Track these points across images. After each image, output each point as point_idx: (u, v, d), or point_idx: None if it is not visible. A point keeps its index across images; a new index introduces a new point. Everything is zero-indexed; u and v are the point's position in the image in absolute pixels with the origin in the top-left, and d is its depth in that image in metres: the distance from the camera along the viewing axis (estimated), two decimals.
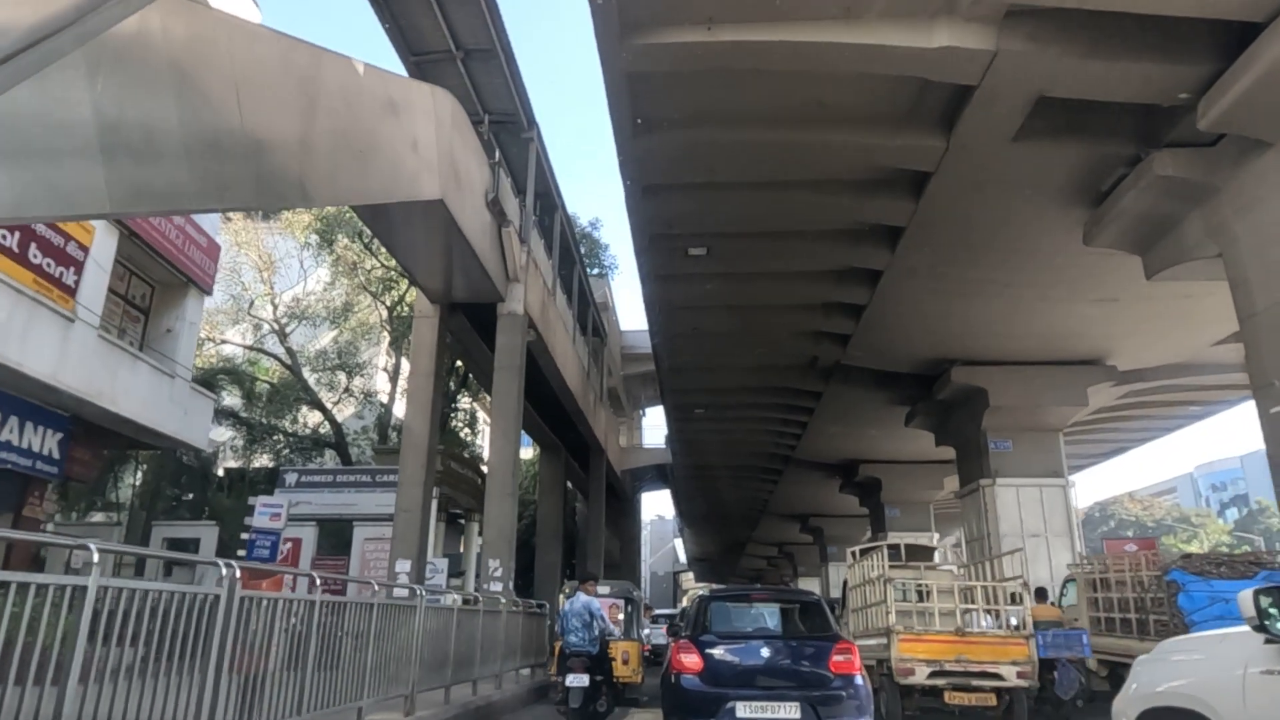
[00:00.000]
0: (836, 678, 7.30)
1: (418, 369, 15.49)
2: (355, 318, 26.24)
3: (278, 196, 7.11)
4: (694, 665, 7.44)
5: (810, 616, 8.41)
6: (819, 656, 7.47)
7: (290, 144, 7.37)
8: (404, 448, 15.15)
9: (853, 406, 23.09)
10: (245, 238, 24.07)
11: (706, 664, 7.45)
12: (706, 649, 7.58)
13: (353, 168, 9.14)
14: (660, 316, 18.22)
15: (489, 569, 14.33)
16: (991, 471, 18.70)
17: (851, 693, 7.25)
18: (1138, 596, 11.61)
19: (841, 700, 7.19)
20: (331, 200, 8.17)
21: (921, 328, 17.35)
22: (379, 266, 22.99)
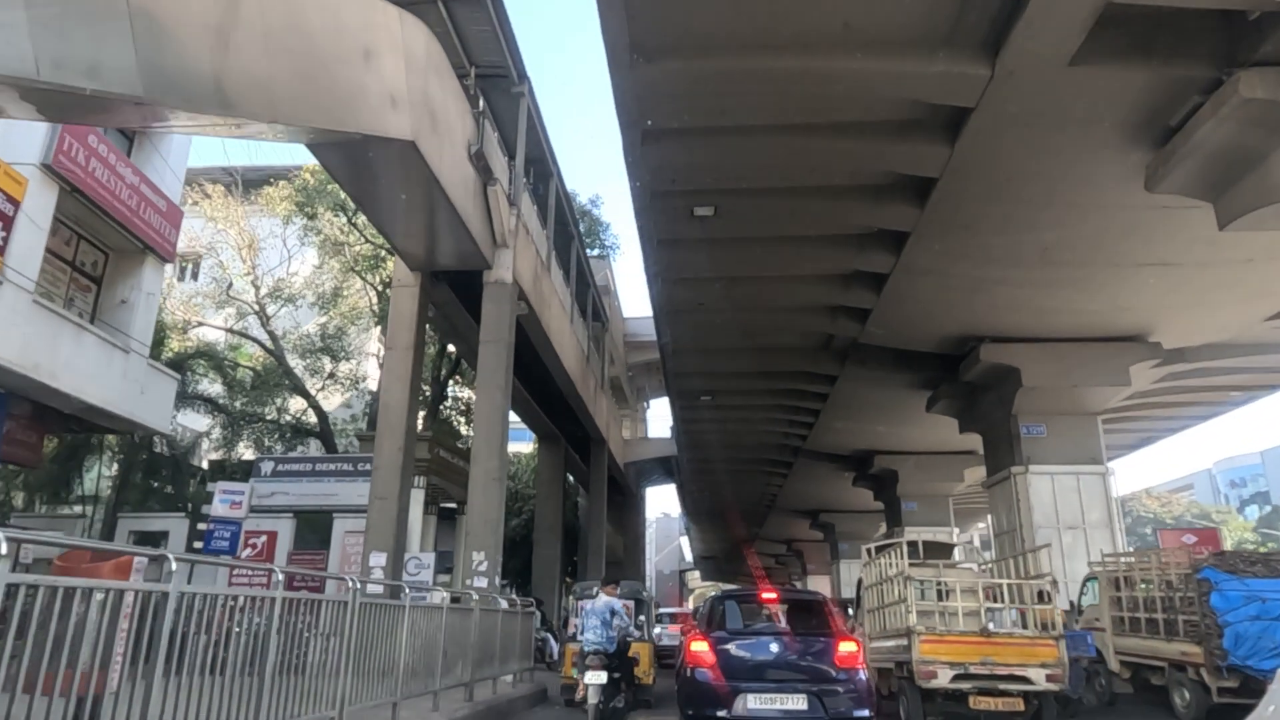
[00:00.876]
0: (841, 671, 7.77)
1: (396, 342, 14.06)
2: (345, 302, 24.83)
3: (183, 96, 5.73)
4: (708, 660, 7.91)
5: (815, 614, 8.86)
6: (824, 651, 7.95)
7: (199, 31, 5.95)
8: (380, 428, 13.74)
9: (869, 391, 21.60)
10: (226, 214, 22.67)
11: (720, 659, 7.90)
12: (720, 645, 8.07)
13: (294, 84, 7.72)
14: (663, 290, 16.75)
15: (472, 563, 12.91)
16: (1023, 459, 17.20)
17: (855, 685, 7.75)
18: (1165, 596, 11.16)
19: (845, 693, 7.67)
20: (265, 113, 6.80)
21: (949, 300, 15.85)
22: (364, 243, 21.55)
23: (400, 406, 13.64)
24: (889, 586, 11.72)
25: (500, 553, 13.29)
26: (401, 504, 13.38)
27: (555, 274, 19.04)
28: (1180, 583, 10.85)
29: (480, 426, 13.69)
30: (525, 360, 18.73)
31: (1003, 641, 9.52)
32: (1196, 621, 10.24)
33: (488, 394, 13.73)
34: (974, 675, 9.34)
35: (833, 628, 8.38)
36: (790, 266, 15.67)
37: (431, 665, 8.73)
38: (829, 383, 21.57)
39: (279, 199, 21.71)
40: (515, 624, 11.42)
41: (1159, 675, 11.32)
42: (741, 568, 68.28)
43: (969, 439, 25.43)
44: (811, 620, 8.75)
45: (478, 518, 13.11)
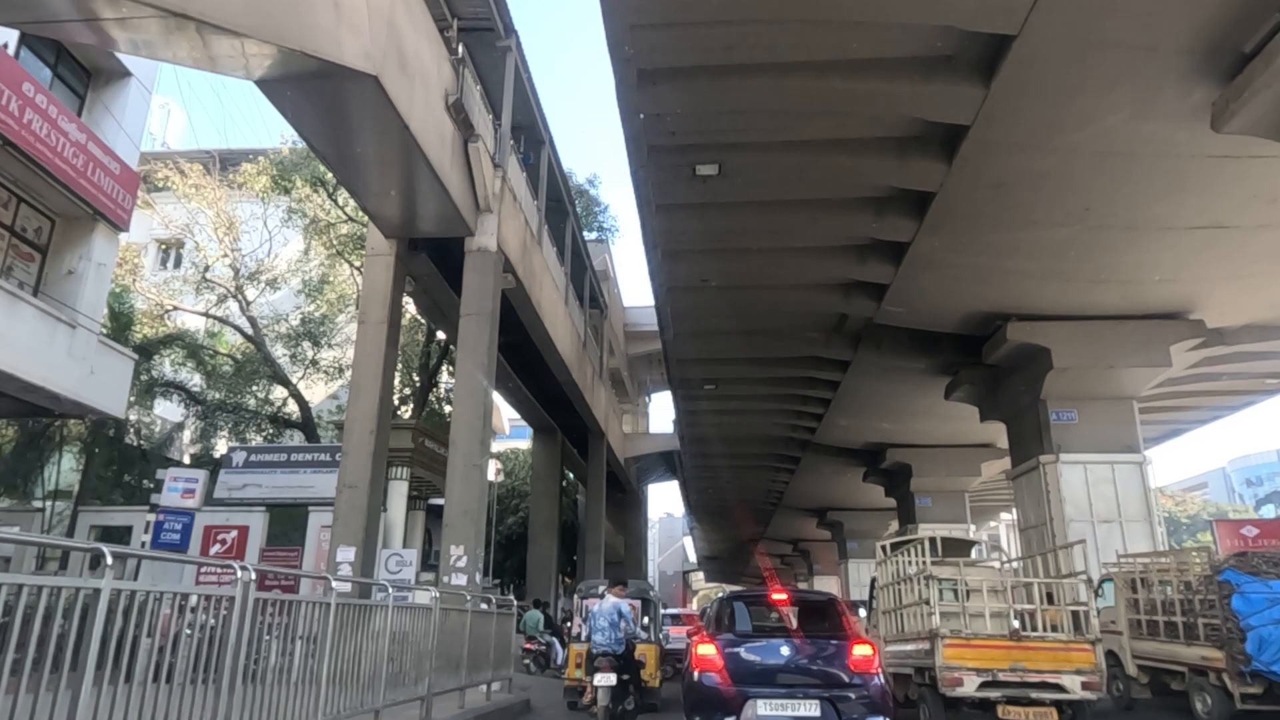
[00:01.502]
0: (856, 676, 7.34)
1: (369, 316, 12.80)
2: (333, 290, 23.55)
3: None
4: (715, 663, 7.49)
5: (827, 616, 8.35)
6: (838, 655, 7.51)
7: None
8: (350, 410, 12.49)
9: (884, 379, 20.29)
10: (201, 193, 21.42)
11: (728, 662, 7.49)
12: (727, 648, 7.63)
13: None
14: (662, 264, 15.45)
15: (449, 557, 11.62)
16: (1054, 447, 15.89)
17: (870, 691, 7.29)
18: (1185, 598, 10.77)
19: (860, 698, 7.22)
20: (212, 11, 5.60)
21: (975, 272, 14.53)
22: (348, 221, 20.27)
23: (372, 386, 12.38)
24: (907, 586, 11.29)
25: (481, 547, 12.02)
26: (373, 494, 12.11)
27: (548, 251, 17.76)
28: (1200, 585, 10.45)
29: (460, 407, 12.40)
30: (515, 342, 17.49)
31: (1034, 646, 8.94)
32: (1218, 625, 9.84)
33: (468, 372, 12.45)
34: (1003, 683, 8.80)
35: (846, 630, 7.94)
36: (801, 235, 14.36)
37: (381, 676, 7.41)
38: (840, 369, 20.25)
39: (256, 173, 20.45)
40: (490, 626, 10.12)
41: (1178, 680, 10.81)
42: (746, 568, 67.36)
43: (987, 431, 24.25)
44: (824, 622, 8.28)
45: (456, 508, 11.83)
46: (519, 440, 42.23)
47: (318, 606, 7.01)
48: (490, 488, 37.89)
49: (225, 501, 17.13)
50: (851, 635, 7.79)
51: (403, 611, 8.78)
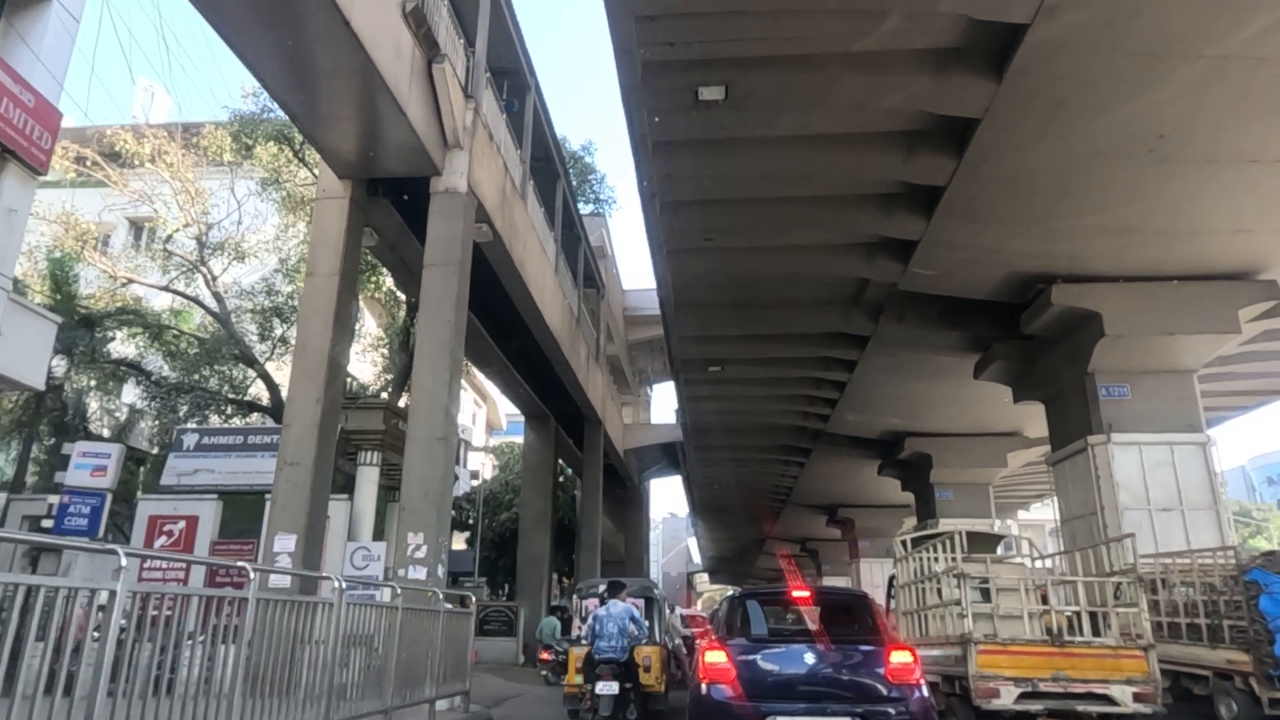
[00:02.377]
0: (895, 688, 6.32)
1: (318, 268, 11.01)
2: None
3: None
4: (726, 673, 6.49)
5: (857, 616, 7.26)
6: (872, 662, 6.50)
7: None
8: (293, 375, 10.70)
9: (906, 358, 18.45)
10: (166, 159, 19.66)
11: (740, 672, 6.48)
12: (741, 655, 6.63)
13: None
14: (661, 219, 13.65)
15: (406, 547, 9.81)
16: (1104, 426, 14.02)
17: (911, 706, 6.26)
18: (1208, 599, 10.33)
19: (900, 714, 6.20)
20: None
21: (1018, 224, 12.67)
22: (316, 183, 18.44)
23: (320, 348, 10.58)
24: (931, 585, 10.67)
25: (446, 535, 10.20)
26: (319, 473, 10.32)
27: (534, 210, 15.94)
28: (1224, 585, 10.07)
29: (421, 371, 10.59)
30: (500, 315, 15.72)
31: (1079, 652, 8.26)
32: (1244, 627, 9.46)
33: (431, 330, 10.64)
34: (1044, 693, 8.12)
35: (881, 633, 6.85)
36: (820, 179, 12.56)
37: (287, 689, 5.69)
38: (859, 346, 18.42)
39: (215, 130, 18.68)
40: (435, 628, 8.27)
41: (1202, 685, 10.30)
42: (752, 570, 65.89)
43: (1014, 418, 22.41)
44: (853, 624, 7.14)
45: (415, 489, 10.02)
46: (517, 436, 40.56)
47: (233, 603, 5.50)
48: (481, 483, 36.23)
49: (174, 489, 15.38)
50: (888, 639, 6.73)
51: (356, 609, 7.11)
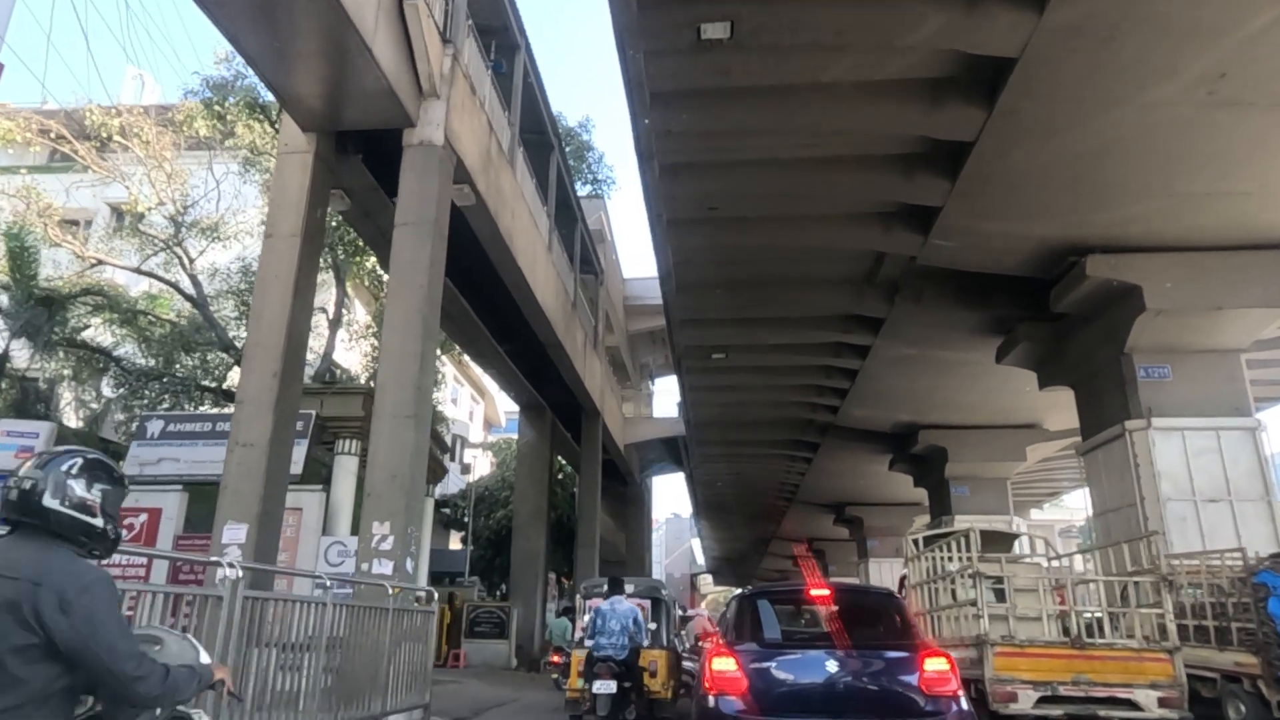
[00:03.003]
0: (930, 700, 5.51)
1: (277, 229, 9.89)
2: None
3: None
4: (736, 683, 5.69)
5: (884, 618, 6.56)
6: (903, 671, 5.71)
7: None
8: (246, 348, 9.62)
9: (924, 342, 17.30)
10: (141, 135, 18.60)
11: (754, 682, 5.69)
12: (753, 663, 5.83)
13: None
14: (660, 183, 12.51)
15: (371, 538, 8.69)
16: (1143, 410, 12.87)
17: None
18: (1216, 601, 10.14)
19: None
20: None
21: (1051, 187, 11.50)
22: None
23: (278, 316, 9.48)
24: (944, 585, 10.50)
25: (418, 526, 9.08)
26: (276, 456, 9.21)
27: (524, 179, 14.83)
28: (1233, 587, 9.91)
29: (390, 343, 9.47)
30: (484, 286, 14.61)
31: (1100, 654, 8.10)
32: (1252, 629, 9.33)
33: (402, 295, 9.52)
34: (1064, 698, 7.94)
35: (913, 637, 6.16)
36: (835, 138, 11.42)
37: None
38: (872, 330, 17.28)
39: (185, 97, 17.62)
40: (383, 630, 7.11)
41: (1210, 687, 9.98)
42: (756, 571, 65.01)
43: (1034, 409, 21.28)
44: (878, 626, 6.48)
45: (381, 473, 8.90)
46: (515, 433, 39.51)
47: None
48: (475, 480, 35.12)
49: (136, 479, 14.23)
50: (921, 644, 6.00)
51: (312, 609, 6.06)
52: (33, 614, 2.08)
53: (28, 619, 2.08)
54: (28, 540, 2.24)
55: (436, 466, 19.14)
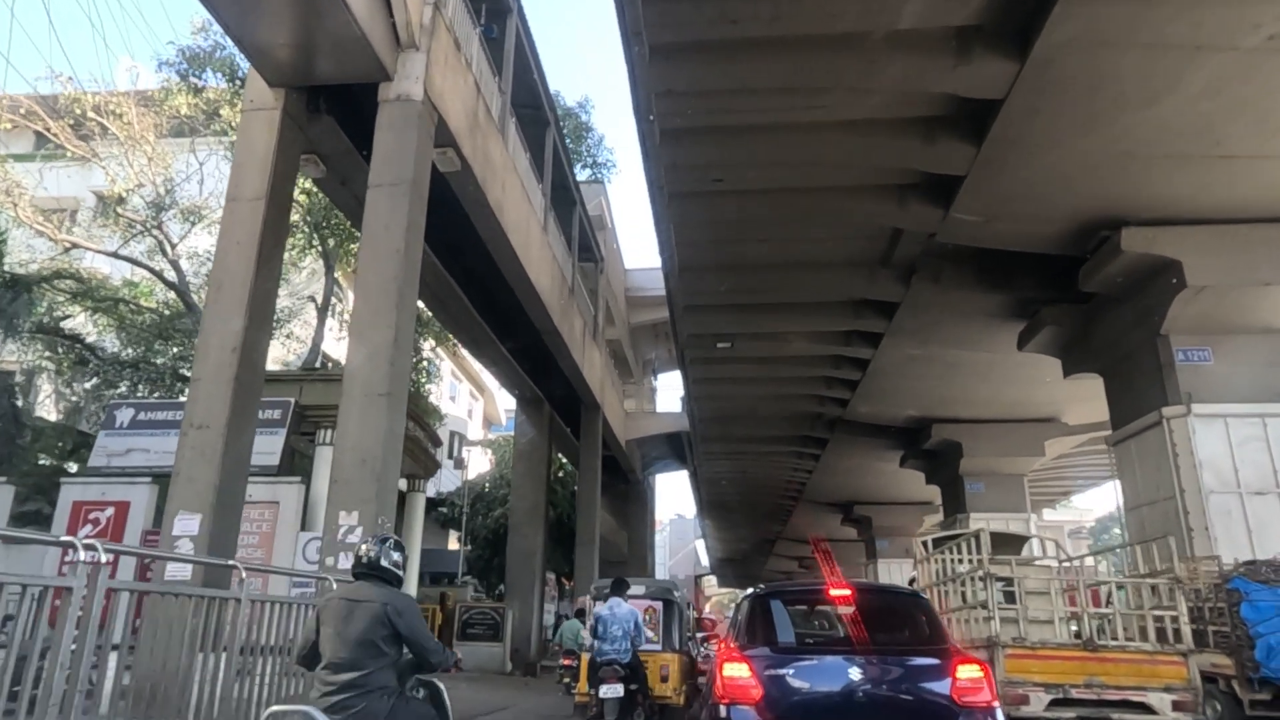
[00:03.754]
0: (964, 710, 5.08)
1: (240, 192, 9.04)
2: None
3: None
4: (749, 691, 5.22)
5: (911, 621, 5.98)
6: (932, 678, 5.26)
7: None
8: (206, 318, 8.73)
9: (939, 327, 16.38)
10: (120, 113, 17.77)
11: (769, 689, 5.23)
12: (768, 669, 5.35)
13: None
14: (661, 148, 11.60)
15: (337, 529, 7.81)
16: (1181, 396, 11.94)
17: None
18: (1194, 606, 10.03)
19: None
20: None
21: (1092, 143, 10.53)
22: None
23: (239, 286, 8.61)
24: (954, 587, 10.45)
25: (391, 515, 8.18)
26: (234, 439, 8.33)
27: (517, 152, 13.95)
28: (1210, 592, 10.18)
29: (361, 314, 8.60)
30: (473, 265, 13.73)
31: (1113, 657, 8.08)
32: (1227, 633, 9.55)
33: (375, 262, 8.65)
34: (1076, 700, 7.89)
35: (942, 641, 5.71)
36: (850, 98, 10.49)
37: None
38: (885, 315, 16.37)
39: (163, 79, 16.81)
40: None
41: None
42: (761, 572, 64.26)
43: (1053, 401, 20.36)
44: (904, 629, 6.01)
45: (350, 456, 8.03)
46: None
47: None
48: (467, 479, 34.23)
49: (103, 471, 13.46)
50: (952, 650, 5.52)
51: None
52: (385, 619, 3.86)
53: (384, 621, 3.86)
54: (371, 583, 4.06)
55: (428, 460, 18.26)
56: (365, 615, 3.87)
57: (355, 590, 4.06)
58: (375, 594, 3.97)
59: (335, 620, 3.90)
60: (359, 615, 3.88)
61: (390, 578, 4.12)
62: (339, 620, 3.89)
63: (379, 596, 3.95)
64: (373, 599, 3.93)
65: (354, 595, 4.00)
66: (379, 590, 4.01)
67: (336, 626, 3.87)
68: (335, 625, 3.88)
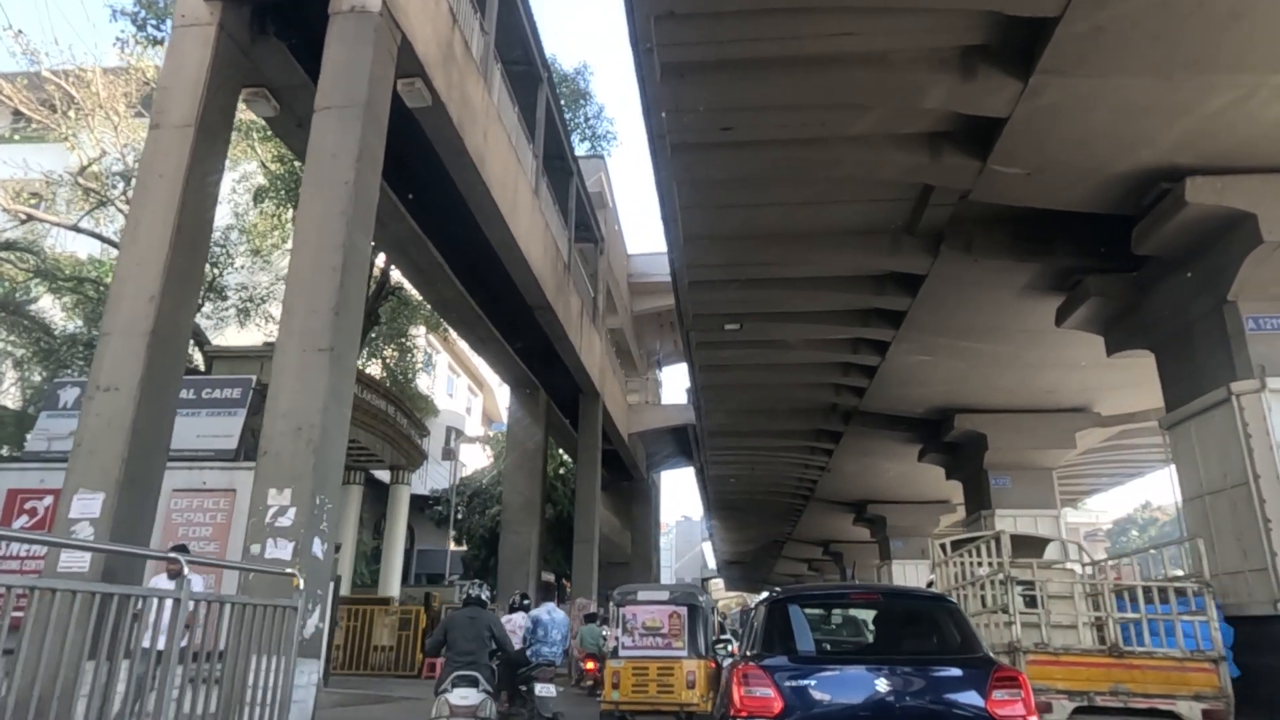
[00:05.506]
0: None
1: (166, 117, 7.71)
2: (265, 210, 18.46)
3: None
4: (769, 705, 4.84)
5: (940, 628, 5.52)
6: (966, 690, 4.84)
7: None
8: (120, 265, 7.38)
9: (966, 306, 15.01)
10: (86, 80, 16.53)
11: (788, 702, 4.85)
12: (787, 680, 4.95)
13: None
14: (663, 91, 10.23)
15: (265, 511, 6.44)
16: (1253, 369, 10.51)
17: None
18: None
19: None
20: None
21: (1161, 69, 9.13)
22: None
23: (160, 226, 7.27)
24: (973, 591, 10.32)
25: (335, 499, 6.80)
26: (150, 406, 6.97)
27: (503, 102, 12.60)
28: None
29: (301, 256, 7.23)
30: (462, 239, 12.40)
31: (1140, 663, 7.77)
32: None
33: (319, 195, 7.29)
34: (1102, 709, 7.67)
35: (975, 651, 5.16)
36: (880, 24, 9.13)
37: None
38: (909, 291, 14.97)
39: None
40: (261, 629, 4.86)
41: None
42: (769, 575, 63.09)
43: (1085, 389, 18.96)
44: (933, 638, 5.50)
45: (282, 423, 6.67)
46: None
47: None
48: (456, 480, 32.89)
49: (43, 456, 12.12)
50: (986, 660, 5.10)
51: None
52: (488, 630, 6.79)
53: (488, 630, 6.79)
54: (475, 610, 6.95)
55: (412, 450, 16.90)
56: (476, 625, 6.73)
57: (469, 612, 6.87)
58: (480, 615, 6.85)
59: (461, 628, 6.70)
60: (474, 625, 6.72)
61: (483, 604, 7.03)
62: (463, 628, 6.70)
63: (481, 616, 6.83)
64: (479, 617, 6.81)
65: (470, 615, 6.84)
66: (481, 612, 6.89)
67: (462, 630, 6.69)
68: (461, 630, 6.69)
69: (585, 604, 19.07)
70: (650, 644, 10.13)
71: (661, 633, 10.17)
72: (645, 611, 10.31)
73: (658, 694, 9.67)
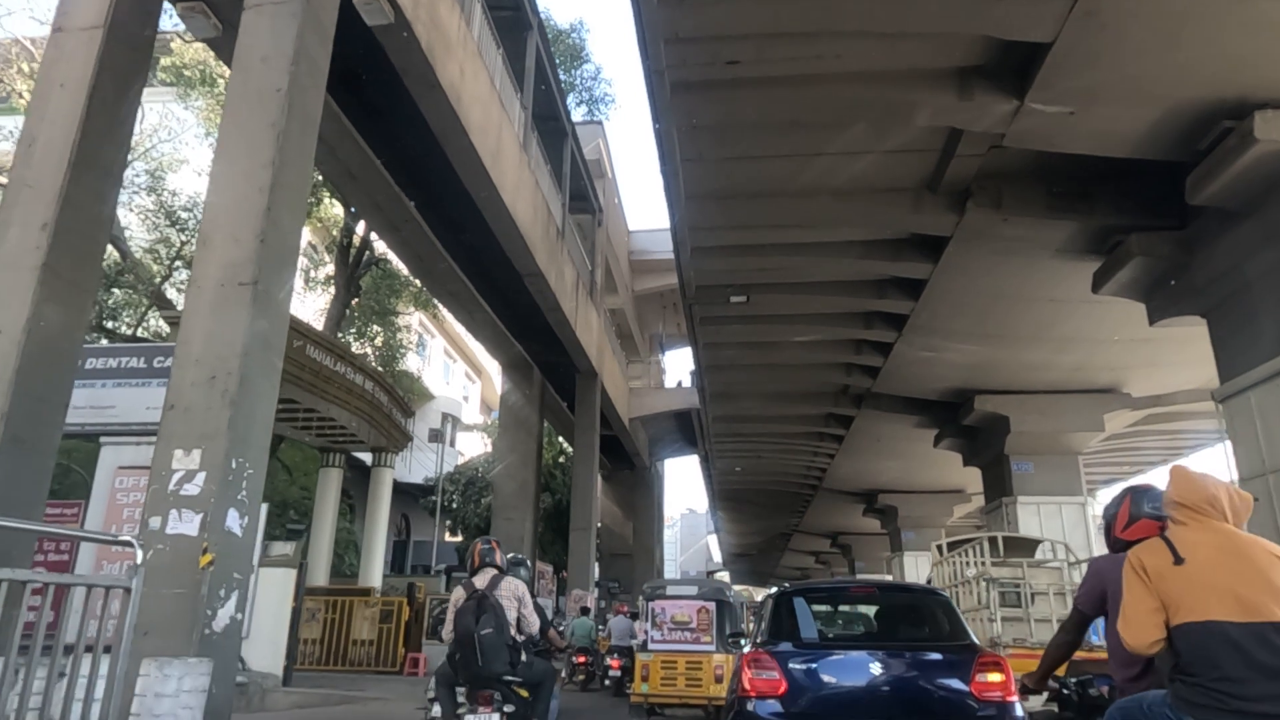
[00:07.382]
0: (983, 706, 5.23)
1: (69, 20, 6.52)
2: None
3: None
4: (774, 687, 5.39)
5: (932, 619, 6.15)
6: (953, 674, 5.37)
7: None
8: (8, 191, 6.24)
9: (993, 267, 13.83)
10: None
11: (793, 685, 5.40)
12: (790, 664, 5.50)
13: None
14: (660, 13, 9.07)
15: (168, 476, 5.30)
16: None
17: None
18: None
19: None
20: None
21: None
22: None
23: (59, 142, 6.15)
24: (965, 589, 10.87)
25: (262, 467, 5.67)
26: (42, 354, 5.82)
27: (484, 36, 11.42)
28: None
29: (221, 174, 6.06)
30: (440, 194, 11.22)
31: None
32: None
33: (244, 103, 6.11)
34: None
35: (963, 639, 5.64)
36: None
37: None
38: (931, 257, 13.80)
39: None
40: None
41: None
42: (775, 569, 62.44)
43: (1115, 367, 17.79)
44: (925, 627, 6.11)
45: (192, 371, 5.52)
46: None
47: None
48: (444, 471, 31.75)
49: None
50: (972, 647, 5.50)
51: None
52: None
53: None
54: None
55: (395, 432, 15.78)
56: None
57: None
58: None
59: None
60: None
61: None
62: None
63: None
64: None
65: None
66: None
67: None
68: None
69: (582, 595, 18.05)
70: (679, 638, 10.52)
71: (690, 627, 10.57)
72: (674, 606, 10.71)
73: (686, 688, 10.05)
